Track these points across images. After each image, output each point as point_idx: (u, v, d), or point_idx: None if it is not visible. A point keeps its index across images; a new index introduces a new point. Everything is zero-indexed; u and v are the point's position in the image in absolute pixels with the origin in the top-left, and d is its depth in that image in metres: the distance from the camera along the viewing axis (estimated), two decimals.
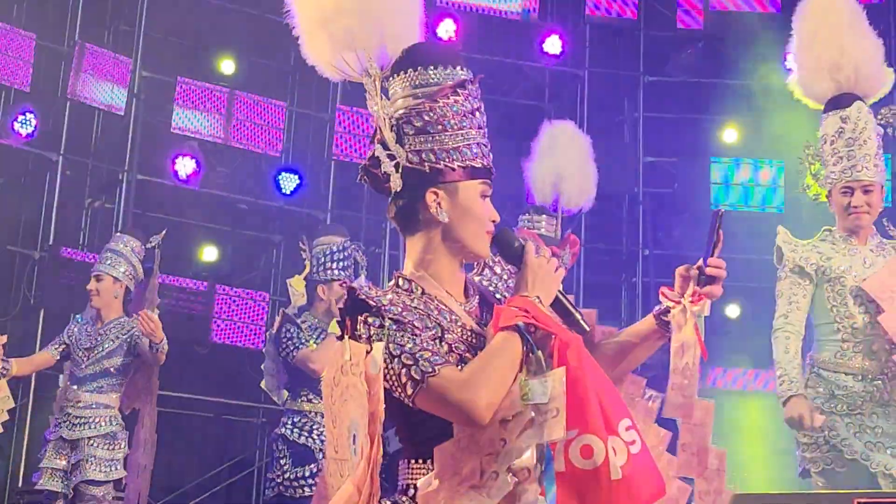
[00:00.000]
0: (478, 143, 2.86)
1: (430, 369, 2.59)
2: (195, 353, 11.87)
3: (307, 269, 7.18)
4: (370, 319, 2.67)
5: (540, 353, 2.61)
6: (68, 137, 11.47)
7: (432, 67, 2.84)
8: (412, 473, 2.75)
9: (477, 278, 3.03)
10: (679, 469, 3.10)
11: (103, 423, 7.08)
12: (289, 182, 12.18)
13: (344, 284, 6.64)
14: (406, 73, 2.85)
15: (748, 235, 10.92)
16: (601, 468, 2.57)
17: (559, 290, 2.85)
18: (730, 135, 13.03)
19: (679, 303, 3.03)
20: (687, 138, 12.99)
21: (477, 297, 2.91)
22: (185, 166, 11.68)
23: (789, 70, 6.04)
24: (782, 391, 5.47)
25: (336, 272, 6.84)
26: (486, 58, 13.02)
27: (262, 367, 7.35)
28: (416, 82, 2.84)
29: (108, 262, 7.29)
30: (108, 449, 7.03)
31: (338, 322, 2.76)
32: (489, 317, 2.79)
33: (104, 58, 11.53)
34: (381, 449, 2.48)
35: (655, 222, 13.24)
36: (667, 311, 3.06)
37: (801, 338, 5.61)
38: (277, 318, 7.20)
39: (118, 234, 7.73)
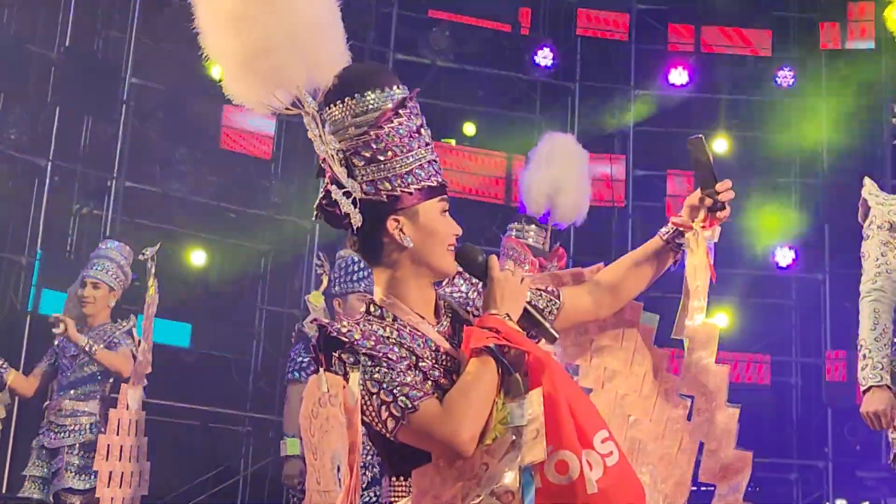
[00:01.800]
0: (429, 161, 2.82)
1: (410, 406, 2.57)
2: (182, 361, 11.85)
3: (324, 284, 7.14)
4: (343, 356, 2.64)
5: (517, 375, 2.62)
6: (57, 143, 11.45)
7: (369, 92, 2.77)
8: (394, 491, 2.73)
9: (448, 289, 3.02)
10: (692, 432, 3.12)
11: (84, 431, 7.05)
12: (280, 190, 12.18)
13: (363, 297, 6.53)
14: (343, 102, 2.78)
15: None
16: (577, 483, 2.56)
17: (526, 302, 2.84)
18: (720, 146, 13.06)
19: (690, 228, 3.09)
20: (677, 151, 13.01)
21: (449, 314, 2.89)
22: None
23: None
24: (863, 378, 4.84)
25: (351, 284, 6.75)
26: (478, 69, 13.06)
27: None
28: (356, 111, 2.77)
29: (104, 269, 7.25)
30: (86, 457, 6.97)
31: (313, 358, 2.74)
32: (462, 334, 2.77)
33: (94, 64, 11.52)
34: (360, 479, 2.47)
35: (645, 236, 13.22)
36: (678, 234, 3.12)
37: (893, 308, 4.92)
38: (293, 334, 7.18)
39: (108, 240, 7.67)
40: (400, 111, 2.78)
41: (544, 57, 13.01)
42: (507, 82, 13.43)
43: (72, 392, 7.12)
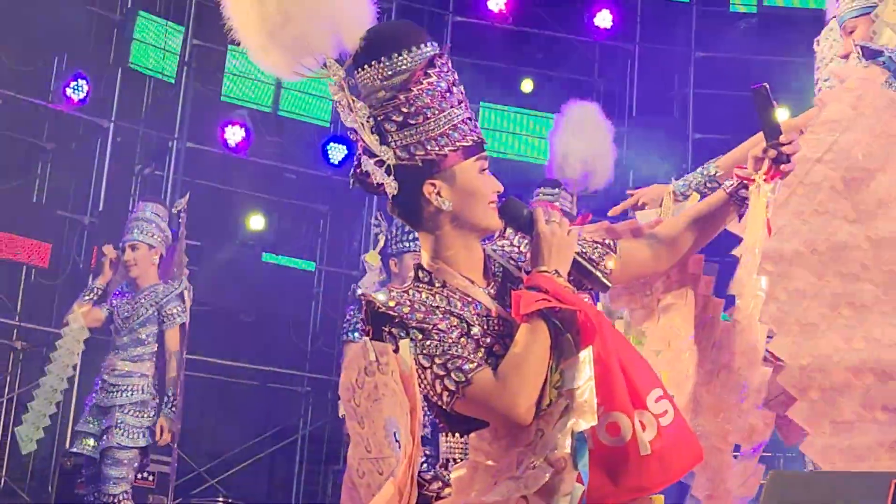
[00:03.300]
0: (463, 120, 2.76)
1: (464, 379, 2.56)
2: (241, 322, 11.95)
3: (381, 243, 7.13)
4: (394, 330, 2.63)
5: (569, 336, 2.58)
6: (119, 104, 11.55)
7: (396, 54, 2.72)
8: (450, 448, 2.74)
9: (500, 243, 2.97)
10: (731, 390, 3.06)
11: (136, 391, 7.15)
12: (337, 152, 12.20)
13: (419, 257, 6.54)
14: (371, 65, 2.73)
15: None
16: (629, 445, 2.55)
17: (575, 252, 2.78)
18: (781, 114, 12.89)
19: (753, 181, 3.02)
20: (737, 115, 12.86)
21: (500, 273, 2.84)
22: (234, 135, 11.74)
23: None
24: None
25: (406, 244, 6.73)
26: (536, 32, 12.99)
27: None
28: (385, 74, 2.72)
29: (140, 230, 7.33)
30: (137, 416, 7.09)
31: (361, 331, 2.72)
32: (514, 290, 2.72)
33: (156, 25, 11.58)
34: (420, 447, 2.47)
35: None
36: (742, 186, 3.05)
37: None
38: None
39: (142, 202, 7.74)
40: (429, 71, 2.72)
41: (603, 19, 12.90)
42: (566, 45, 13.33)
43: (123, 353, 7.22)
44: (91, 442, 7.12)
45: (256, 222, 12.29)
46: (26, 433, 7.46)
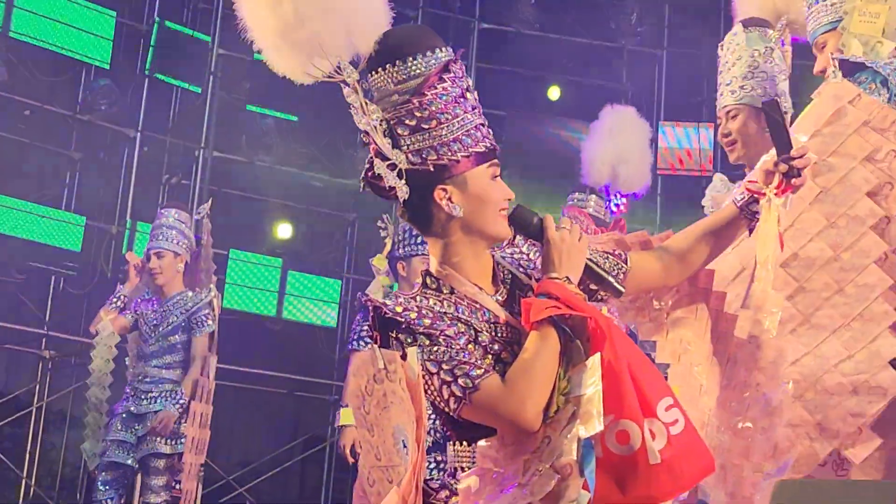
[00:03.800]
0: (476, 126, 2.74)
1: (471, 385, 2.53)
2: (268, 330, 11.96)
3: (387, 247, 7.09)
4: (401, 336, 2.60)
5: (578, 342, 2.56)
6: (146, 114, 11.59)
7: (410, 58, 2.70)
8: (458, 457, 2.71)
9: (508, 251, 2.94)
10: (749, 407, 3.03)
11: (169, 398, 7.15)
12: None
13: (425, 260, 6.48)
14: (385, 69, 2.70)
15: None
16: (638, 453, 2.52)
17: (587, 258, 2.75)
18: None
19: (764, 195, 2.99)
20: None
21: (508, 280, 2.82)
22: (262, 143, 11.79)
23: None
24: None
25: (415, 247, 6.68)
26: (563, 38, 12.96)
27: None
28: (398, 78, 2.70)
29: (164, 237, 7.33)
30: (174, 422, 7.10)
31: (368, 337, 2.71)
32: (523, 297, 2.71)
33: (182, 35, 11.62)
34: (426, 455, 2.44)
35: None
36: (752, 200, 3.02)
37: None
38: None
39: (163, 209, 7.69)
40: (443, 76, 2.71)
41: (631, 24, 12.86)
42: (593, 50, 13.30)
43: (155, 361, 7.22)
44: (127, 450, 7.12)
45: (284, 231, 12.31)
46: (91, 449, 7.45)
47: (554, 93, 13.22)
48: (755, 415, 3.01)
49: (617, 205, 7.19)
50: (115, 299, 7.42)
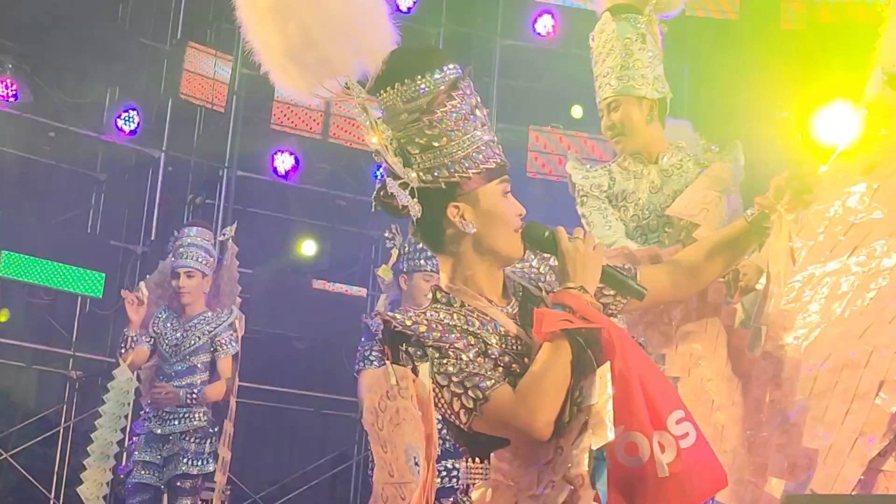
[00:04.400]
0: (486, 143, 2.74)
1: (482, 396, 2.54)
2: (294, 348, 11.97)
3: (393, 258, 7.03)
4: (410, 349, 2.61)
5: (590, 352, 2.55)
6: (170, 134, 11.65)
7: (419, 76, 2.70)
8: (471, 473, 2.71)
9: (519, 265, 2.93)
10: (766, 423, 3.02)
11: (194, 418, 7.14)
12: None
13: (429, 277, 6.40)
14: (394, 88, 2.71)
15: None
16: (647, 466, 2.51)
17: (604, 265, 2.75)
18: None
19: (775, 210, 2.99)
20: None
21: (519, 294, 2.82)
22: (283, 162, 11.81)
23: None
24: None
25: (419, 262, 6.61)
26: (585, 54, 12.94)
27: None
28: (407, 96, 2.70)
29: (193, 257, 7.28)
30: (199, 443, 7.09)
31: (380, 351, 2.71)
32: (533, 314, 2.69)
33: (206, 55, 11.68)
34: (436, 473, 2.43)
35: None
36: (762, 217, 3.02)
37: None
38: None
39: (188, 228, 7.59)
40: (452, 93, 2.71)
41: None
42: None
43: (178, 381, 7.17)
44: (153, 471, 7.12)
45: (308, 247, 12.33)
46: (89, 492, 7.33)
47: (577, 111, 13.20)
48: (772, 432, 2.99)
49: None
50: (122, 345, 7.24)
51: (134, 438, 7.31)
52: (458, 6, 12.95)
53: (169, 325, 7.27)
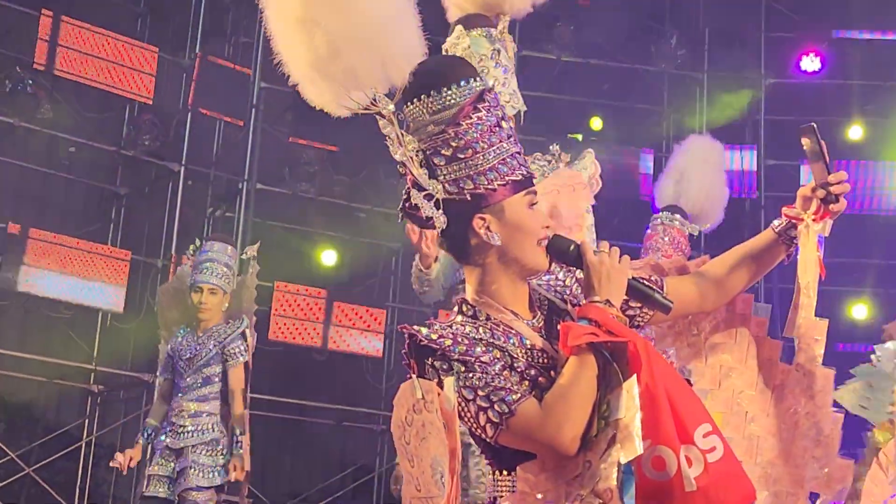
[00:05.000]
0: (512, 155, 2.72)
1: (508, 410, 2.51)
2: (314, 361, 11.98)
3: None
4: (436, 363, 2.59)
5: (616, 366, 2.53)
6: (190, 148, 11.69)
7: (445, 88, 2.69)
8: (498, 486, 2.68)
9: (545, 278, 2.90)
10: (801, 436, 3.00)
11: (206, 431, 7.13)
12: None
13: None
14: (420, 99, 2.69)
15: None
16: (674, 480, 2.49)
17: (631, 277, 2.72)
18: (855, 132, 12.78)
19: (802, 220, 2.96)
20: None
21: (545, 307, 2.80)
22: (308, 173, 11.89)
23: None
24: None
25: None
26: (603, 63, 12.95)
27: None
28: (433, 108, 2.69)
29: (217, 274, 7.25)
30: (210, 455, 7.07)
31: (405, 364, 2.69)
32: (559, 327, 2.68)
33: (224, 69, 11.72)
34: (460, 484, 2.42)
35: None
36: (791, 226, 2.99)
37: None
38: None
39: (211, 242, 7.49)
40: (478, 105, 2.69)
41: (672, 48, 12.85)
42: (633, 75, 13.28)
43: (191, 394, 7.17)
44: (166, 485, 7.12)
45: (328, 257, 12.34)
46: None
47: (596, 123, 13.21)
48: (807, 444, 2.98)
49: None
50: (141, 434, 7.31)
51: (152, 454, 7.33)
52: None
53: (184, 341, 7.28)
